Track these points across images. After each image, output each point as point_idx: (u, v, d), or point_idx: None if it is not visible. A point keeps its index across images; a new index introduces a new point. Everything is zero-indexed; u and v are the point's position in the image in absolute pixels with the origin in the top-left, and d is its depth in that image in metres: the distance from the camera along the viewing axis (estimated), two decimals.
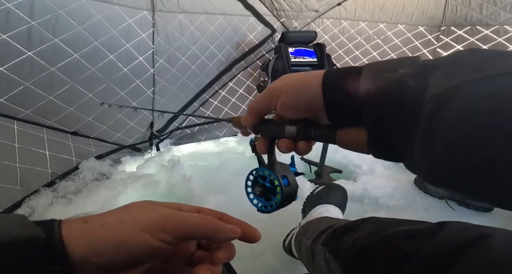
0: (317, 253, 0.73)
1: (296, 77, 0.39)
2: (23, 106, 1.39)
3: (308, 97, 0.37)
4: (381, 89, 0.31)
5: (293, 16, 2.38)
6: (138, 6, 1.66)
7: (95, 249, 0.27)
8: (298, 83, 0.38)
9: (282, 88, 0.39)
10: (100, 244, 0.27)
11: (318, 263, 0.72)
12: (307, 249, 0.82)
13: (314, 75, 0.37)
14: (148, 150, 2.15)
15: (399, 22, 2.70)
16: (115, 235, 0.28)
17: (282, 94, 0.39)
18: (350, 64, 2.77)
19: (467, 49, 0.29)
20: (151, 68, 1.84)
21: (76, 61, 1.46)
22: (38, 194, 1.47)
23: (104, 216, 0.30)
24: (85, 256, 0.27)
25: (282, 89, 0.39)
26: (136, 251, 0.28)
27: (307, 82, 0.37)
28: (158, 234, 0.29)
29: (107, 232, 0.28)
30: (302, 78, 0.38)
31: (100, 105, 1.59)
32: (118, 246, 0.28)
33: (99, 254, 0.27)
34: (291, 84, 0.39)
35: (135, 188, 1.68)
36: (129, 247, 0.28)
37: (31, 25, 1.26)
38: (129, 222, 0.29)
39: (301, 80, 0.38)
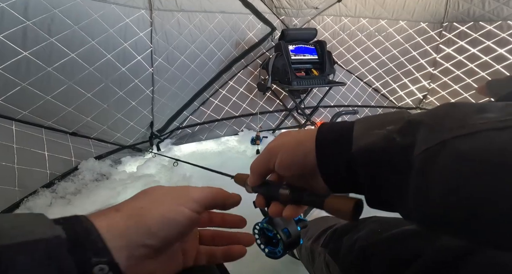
0: (317, 255, 0.72)
1: (292, 136, 0.40)
2: (21, 107, 1.38)
3: (303, 156, 0.37)
4: (371, 146, 0.32)
5: (293, 13, 2.36)
6: (135, 5, 1.64)
7: (149, 229, 0.28)
8: (294, 142, 0.39)
9: (279, 148, 0.40)
10: (152, 223, 0.29)
11: (318, 265, 0.71)
12: (307, 250, 0.80)
13: (308, 134, 0.38)
14: (149, 149, 2.14)
15: (401, 19, 2.68)
16: (159, 212, 0.30)
17: (279, 154, 0.39)
18: (352, 62, 2.75)
19: (447, 103, 0.31)
20: (150, 68, 1.82)
21: (73, 61, 1.45)
22: (37, 194, 1.46)
23: (131, 202, 0.31)
24: (140, 239, 0.27)
25: (279, 149, 0.39)
26: (181, 223, 0.31)
27: (302, 141, 0.38)
28: (189, 204, 0.32)
29: (151, 211, 0.29)
30: (297, 137, 0.39)
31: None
32: (167, 222, 0.29)
33: (154, 234, 0.28)
34: (287, 143, 0.39)
35: (135, 188, 1.67)
36: (175, 220, 0.30)
37: (26, 25, 1.25)
38: (163, 199, 0.31)
39: (297, 139, 0.39)
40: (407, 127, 0.31)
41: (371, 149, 0.32)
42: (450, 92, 2.79)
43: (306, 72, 2.30)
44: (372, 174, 0.32)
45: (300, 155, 0.37)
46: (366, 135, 0.33)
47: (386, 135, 0.31)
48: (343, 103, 2.87)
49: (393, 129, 0.32)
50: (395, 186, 0.30)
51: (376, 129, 0.33)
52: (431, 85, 2.93)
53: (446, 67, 2.77)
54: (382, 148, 0.31)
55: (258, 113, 2.48)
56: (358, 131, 0.34)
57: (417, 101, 3.04)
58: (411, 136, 0.30)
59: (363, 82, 2.86)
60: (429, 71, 2.88)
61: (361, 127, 0.34)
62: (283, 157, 0.39)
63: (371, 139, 0.32)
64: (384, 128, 0.32)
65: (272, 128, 2.67)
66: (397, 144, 0.30)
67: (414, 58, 2.83)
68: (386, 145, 0.31)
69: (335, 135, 0.36)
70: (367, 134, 0.33)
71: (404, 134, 0.30)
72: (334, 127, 0.37)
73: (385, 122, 0.33)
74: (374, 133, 0.32)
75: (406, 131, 0.30)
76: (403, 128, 0.31)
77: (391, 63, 2.83)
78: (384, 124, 0.33)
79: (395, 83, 2.93)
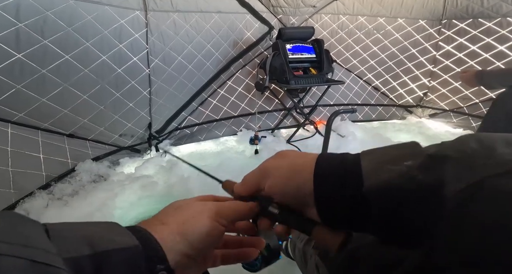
0: (309, 256, 0.71)
1: (289, 161, 0.37)
2: (16, 109, 1.38)
3: (296, 187, 0.35)
4: (387, 184, 0.29)
5: (290, 12, 2.35)
6: (130, 6, 1.64)
7: (190, 243, 0.32)
8: (289, 169, 0.36)
9: (272, 170, 0.37)
10: (193, 238, 0.32)
11: (310, 267, 0.70)
12: (300, 252, 0.79)
13: (306, 163, 0.35)
14: (147, 150, 2.14)
15: (399, 16, 2.66)
16: (199, 227, 0.33)
17: (271, 176, 0.37)
18: (350, 60, 2.73)
19: (469, 136, 0.30)
20: (146, 69, 1.82)
21: (68, 62, 1.45)
22: (33, 196, 1.46)
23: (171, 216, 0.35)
24: (184, 251, 0.32)
25: (272, 172, 0.37)
26: (214, 236, 0.34)
27: (298, 170, 0.35)
28: (220, 220, 0.35)
29: (192, 227, 0.33)
30: (294, 164, 0.36)
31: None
32: (204, 236, 0.33)
33: (193, 247, 0.32)
34: (282, 167, 0.37)
35: (132, 190, 1.67)
36: (210, 234, 0.34)
37: (18, 27, 1.25)
38: (199, 215, 0.34)
39: (293, 166, 0.36)
40: (429, 163, 0.29)
41: (388, 187, 0.29)
42: (451, 89, 2.77)
43: (304, 71, 2.29)
44: (388, 214, 0.29)
45: (293, 185, 0.35)
46: (379, 171, 0.30)
47: (404, 172, 0.29)
48: (343, 102, 2.86)
49: (412, 165, 0.29)
50: (420, 226, 0.28)
51: (389, 165, 0.30)
52: (431, 83, 2.91)
53: (446, 64, 2.75)
54: (401, 186, 0.29)
55: (256, 113, 2.48)
56: (368, 167, 0.31)
57: (418, 99, 3.02)
58: (436, 173, 0.28)
59: (362, 81, 2.85)
60: (429, 69, 2.86)
61: (370, 162, 0.32)
62: (274, 182, 0.37)
63: (385, 176, 0.30)
64: (401, 164, 0.30)
65: (271, 128, 2.66)
66: (419, 181, 0.28)
67: (413, 56, 2.81)
68: (406, 182, 0.29)
69: (337, 170, 0.33)
70: (380, 170, 0.30)
71: (426, 171, 0.28)
72: (334, 160, 0.34)
73: (399, 156, 0.31)
74: (388, 169, 0.30)
75: (429, 168, 0.29)
76: (424, 164, 0.29)
77: (391, 61, 2.81)
78: (398, 159, 0.30)
79: (395, 81, 2.91)
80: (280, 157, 0.39)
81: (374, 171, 0.31)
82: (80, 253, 0.25)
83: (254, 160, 2.15)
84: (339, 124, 2.65)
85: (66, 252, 0.24)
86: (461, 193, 0.26)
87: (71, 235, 0.27)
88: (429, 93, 2.95)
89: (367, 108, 2.94)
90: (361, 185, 0.31)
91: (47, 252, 0.23)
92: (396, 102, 3.01)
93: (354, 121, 2.82)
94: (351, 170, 0.32)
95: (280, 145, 2.37)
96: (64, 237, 0.26)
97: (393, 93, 2.96)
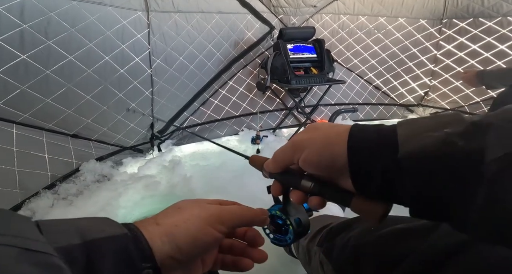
0: (313, 254, 0.72)
1: (322, 133, 0.36)
2: (21, 110, 1.39)
3: (330, 158, 0.34)
4: (424, 151, 0.28)
5: (291, 12, 2.36)
6: (132, 7, 1.65)
7: (178, 246, 0.32)
8: (322, 140, 0.35)
9: (306, 142, 0.37)
10: (181, 242, 0.32)
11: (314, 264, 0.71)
12: (304, 249, 0.80)
13: (340, 133, 0.34)
14: (149, 151, 2.15)
15: (400, 16, 2.66)
16: (190, 231, 0.33)
17: (305, 149, 0.36)
18: (351, 60, 2.74)
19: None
20: (148, 69, 1.83)
21: (71, 63, 1.46)
22: (39, 196, 1.47)
23: (168, 217, 0.34)
24: (170, 253, 0.31)
25: (306, 144, 0.37)
26: (206, 243, 0.34)
27: (331, 141, 0.34)
28: (217, 226, 0.35)
29: (183, 230, 0.33)
30: (327, 135, 0.36)
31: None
32: (194, 241, 0.33)
33: (181, 250, 0.32)
34: (315, 139, 0.36)
35: (136, 189, 1.68)
36: (202, 240, 0.33)
37: (23, 28, 1.26)
38: (195, 219, 0.34)
39: (326, 137, 0.35)
40: (471, 130, 0.28)
41: (425, 154, 0.28)
42: (452, 89, 2.78)
43: (305, 71, 2.29)
44: (425, 181, 0.28)
45: (328, 156, 0.34)
46: (417, 138, 0.29)
47: (444, 139, 0.28)
48: (344, 102, 2.86)
49: (452, 131, 0.28)
50: (455, 196, 0.27)
51: (428, 132, 0.29)
52: (432, 82, 2.91)
53: (447, 64, 2.76)
54: (440, 152, 0.27)
55: (258, 112, 2.49)
56: (405, 134, 0.30)
57: (419, 98, 3.03)
58: (478, 140, 0.27)
59: (363, 80, 2.85)
60: (430, 68, 2.86)
61: (407, 129, 0.31)
62: (308, 155, 0.36)
63: (424, 142, 0.29)
64: (441, 131, 0.29)
65: (273, 127, 2.67)
66: (460, 148, 0.27)
67: (414, 55, 2.82)
68: (445, 149, 0.27)
69: (371, 139, 0.32)
70: (418, 137, 0.29)
71: (468, 138, 0.27)
72: (369, 129, 0.34)
73: (440, 124, 0.29)
74: (426, 136, 0.29)
75: (471, 135, 0.27)
76: (466, 131, 0.28)
77: (392, 61, 2.82)
78: (438, 126, 0.29)
79: (396, 81, 2.91)
80: (313, 129, 0.38)
81: (411, 137, 0.30)
82: (70, 243, 0.26)
83: None
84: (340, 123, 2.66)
85: (56, 242, 0.25)
86: (500, 159, 0.25)
87: (62, 228, 0.27)
88: (430, 92, 2.96)
89: (368, 107, 2.95)
90: (396, 153, 0.30)
91: (37, 241, 0.23)
92: (397, 102, 3.01)
93: (355, 121, 2.82)
94: (386, 138, 0.31)
95: (281, 144, 2.35)
96: (55, 230, 0.26)
97: (394, 92, 2.97)
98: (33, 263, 0.21)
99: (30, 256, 0.22)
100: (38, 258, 0.22)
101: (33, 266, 0.21)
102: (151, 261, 0.30)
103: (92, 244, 0.27)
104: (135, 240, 0.30)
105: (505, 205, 0.25)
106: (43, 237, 0.24)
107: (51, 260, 0.23)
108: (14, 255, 0.21)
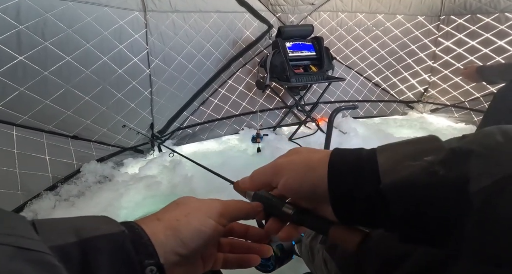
0: (316, 252, 0.72)
1: (303, 157, 0.36)
2: (20, 112, 1.39)
3: (311, 184, 0.33)
4: (406, 181, 0.28)
5: (289, 10, 2.36)
6: (129, 7, 1.65)
7: (182, 240, 0.32)
8: (303, 165, 0.35)
9: (286, 167, 0.36)
10: (184, 235, 0.32)
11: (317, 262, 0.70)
12: (307, 247, 0.80)
13: (321, 159, 0.34)
14: (150, 151, 2.14)
15: (397, 13, 2.66)
16: (192, 224, 0.33)
17: (285, 174, 0.35)
18: (350, 57, 2.74)
19: (493, 128, 0.28)
20: (147, 69, 1.83)
21: (69, 64, 1.46)
22: (40, 198, 1.48)
23: (168, 212, 0.34)
24: (174, 248, 0.31)
25: (286, 168, 0.36)
26: (208, 235, 0.34)
27: (313, 166, 0.34)
28: (218, 218, 0.35)
29: (184, 224, 0.33)
30: (308, 160, 0.35)
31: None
32: (197, 233, 0.33)
33: (185, 244, 0.32)
34: (296, 164, 0.35)
35: (137, 190, 1.68)
36: (204, 232, 0.33)
37: (19, 29, 1.26)
38: (195, 212, 0.34)
39: (307, 162, 0.35)
40: (451, 157, 0.27)
41: (408, 184, 0.28)
42: (452, 85, 2.78)
43: (305, 68, 2.29)
44: (409, 212, 0.28)
45: (309, 182, 0.34)
46: (398, 168, 0.29)
47: (425, 168, 0.28)
48: (344, 99, 2.87)
49: (432, 160, 0.28)
50: (443, 224, 0.27)
51: (408, 160, 0.29)
52: (431, 78, 2.91)
53: (446, 60, 2.76)
54: (423, 182, 0.27)
55: (258, 111, 2.48)
56: (386, 163, 0.30)
57: (419, 94, 3.03)
58: (460, 168, 0.27)
59: (363, 77, 2.85)
60: (429, 65, 2.86)
61: (387, 158, 0.30)
62: (289, 179, 0.35)
63: (405, 172, 0.28)
64: (421, 159, 0.28)
65: (273, 125, 2.67)
66: (442, 177, 0.27)
67: (413, 52, 2.82)
68: (427, 179, 0.27)
69: (352, 167, 0.32)
70: (398, 166, 0.29)
71: (449, 166, 0.27)
72: (349, 156, 0.33)
73: (419, 152, 0.29)
74: (407, 165, 0.29)
75: (452, 163, 0.27)
76: (446, 159, 0.27)
77: (390, 58, 2.82)
78: (418, 154, 0.29)
79: (395, 77, 2.91)
80: (294, 153, 0.37)
81: (392, 167, 0.29)
82: (65, 241, 0.25)
83: (256, 158, 2.16)
84: (340, 121, 2.66)
85: (52, 241, 0.25)
86: (487, 189, 0.25)
87: (57, 227, 0.27)
88: (429, 88, 2.96)
89: (368, 104, 2.95)
90: (378, 183, 0.29)
91: (31, 239, 0.23)
92: (397, 98, 3.01)
93: (355, 118, 2.83)
94: (367, 167, 0.31)
95: (282, 142, 2.38)
96: (51, 229, 0.26)
97: (393, 89, 2.97)
98: (27, 261, 0.21)
99: (24, 255, 0.22)
100: (32, 256, 0.22)
101: (27, 264, 0.21)
102: (154, 257, 0.30)
103: (88, 242, 0.26)
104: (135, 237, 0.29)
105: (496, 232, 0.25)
106: (38, 236, 0.24)
107: (45, 258, 0.22)
108: (8, 254, 0.21)
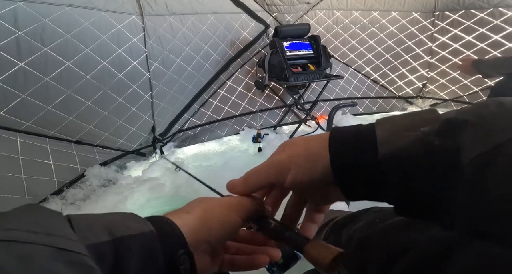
0: None
1: (302, 149, 0.35)
2: (23, 118, 1.40)
3: (321, 170, 0.33)
4: (402, 151, 0.28)
5: (285, 10, 2.38)
6: (126, 11, 1.66)
7: (211, 230, 0.34)
8: (307, 156, 0.34)
9: (290, 163, 0.35)
10: (213, 224, 0.34)
11: None
12: None
13: (321, 142, 0.33)
14: (152, 154, 2.16)
15: (392, 9, 2.68)
16: (218, 216, 0.35)
17: (292, 170, 0.34)
18: (348, 54, 2.75)
19: (491, 100, 0.28)
20: (146, 72, 1.85)
21: (69, 69, 1.47)
22: (47, 202, 1.49)
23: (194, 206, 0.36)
24: (205, 237, 0.33)
25: (290, 164, 0.35)
26: (233, 227, 0.36)
27: (315, 153, 0.33)
28: (238, 213, 0.37)
29: (212, 215, 0.35)
30: (308, 148, 0.34)
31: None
32: (223, 224, 0.35)
33: (214, 235, 0.34)
34: (298, 156, 0.34)
35: (141, 192, 1.69)
36: (229, 224, 0.36)
37: (18, 36, 1.27)
38: (218, 207, 0.36)
39: (308, 150, 0.34)
40: (446, 128, 0.27)
41: (403, 154, 0.28)
42: (450, 79, 2.79)
43: (303, 67, 2.31)
44: (405, 182, 0.28)
45: (319, 170, 0.33)
46: (395, 138, 0.29)
47: (421, 138, 0.28)
48: (343, 96, 2.88)
49: (429, 130, 0.28)
50: (437, 194, 0.27)
51: (405, 131, 0.29)
52: (429, 73, 2.92)
53: (443, 55, 2.77)
54: (418, 152, 0.27)
55: (258, 111, 2.50)
56: (383, 135, 0.30)
57: (417, 90, 3.04)
58: (454, 138, 0.27)
59: (361, 74, 2.87)
60: (426, 60, 2.88)
61: (385, 129, 0.30)
62: (297, 175, 0.34)
63: (401, 142, 0.28)
64: (417, 130, 0.28)
65: (273, 125, 2.68)
66: (436, 147, 0.27)
67: (410, 48, 2.83)
68: (422, 148, 0.27)
69: (352, 142, 0.32)
70: (395, 137, 0.29)
71: (444, 136, 0.27)
72: (348, 132, 0.33)
73: (416, 122, 0.29)
74: (404, 136, 0.29)
75: (447, 133, 0.27)
76: (441, 129, 0.28)
77: (388, 54, 2.83)
78: (415, 125, 0.29)
79: (393, 74, 2.93)
80: (289, 146, 0.37)
81: (389, 137, 0.29)
82: (100, 240, 0.26)
83: (258, 158, 2.17)
84: (340, 118, 2.67)
85: (87, 239, 0.26)
86: (477, 158, 0.25)
87: (91, 224, 0.28)
88: (428, 84, 2.97)
89: (367, 101, 2.96)
90: (376, 153, 0.29)
91: (69, 239, 0.24)
92: (396, 94, 3.02)
93: (355, 115, 2.84)
94: (365, 139, 0.31)
95: (282, 141, 2.38)
96: (85, 226, 0.27)
97: (392, 85, 2.98)
98: (66, 263, 0.22)
99: (63, 256, 0.22)
100: (70, 258, 0.23)
101: (65, 266, 0.22)
102: (184, 246, 0.31)
103: (120, 241, 0.27)
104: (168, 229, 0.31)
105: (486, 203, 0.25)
106: (75, 235, 0.25)
107: (83, 260, 0.23)
108: (47, 254, 0.22)
